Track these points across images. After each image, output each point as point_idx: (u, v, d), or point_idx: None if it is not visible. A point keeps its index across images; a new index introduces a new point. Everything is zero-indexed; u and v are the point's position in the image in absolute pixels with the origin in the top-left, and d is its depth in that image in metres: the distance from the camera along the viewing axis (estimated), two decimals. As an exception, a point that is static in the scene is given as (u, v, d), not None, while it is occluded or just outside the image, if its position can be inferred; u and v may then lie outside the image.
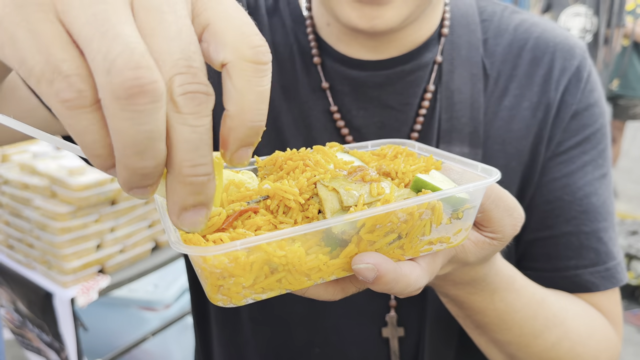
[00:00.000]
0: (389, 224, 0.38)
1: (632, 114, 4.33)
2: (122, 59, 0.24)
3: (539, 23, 0.72)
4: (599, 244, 0.67)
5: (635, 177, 5.18)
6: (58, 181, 1.68)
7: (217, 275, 0.36)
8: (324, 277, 0.39)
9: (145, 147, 0.26)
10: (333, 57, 0.68)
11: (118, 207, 1.84)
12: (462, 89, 0.66)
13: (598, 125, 0.69)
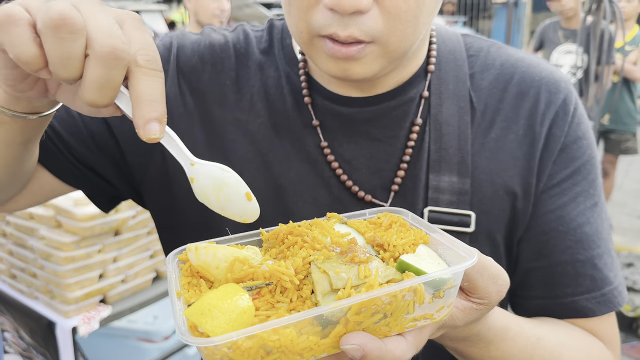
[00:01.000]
0: (373, 306, 0.43)
1: (624, 148, 4.42)
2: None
3: (524, 58, 0.76)
4: (594, 270, 0.71)
5: (630, 210, 5.24)
6: (63, 211, 1.72)
7: (218, 359, 0.40)
8: (316, 355, 0.43)
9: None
10: (323, 95, 0.72)
11: (121, 237, 1.87)
12: (450, 121, 0.70)
13: (587, 157, 0.72)
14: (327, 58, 0.61)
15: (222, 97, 0.73)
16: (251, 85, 0.74)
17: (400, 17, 0.57)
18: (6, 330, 1.94)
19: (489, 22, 10.95)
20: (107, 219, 1.77)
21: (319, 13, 0.58)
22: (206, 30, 0.79)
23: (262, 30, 0.79)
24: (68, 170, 0.75)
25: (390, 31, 0.58)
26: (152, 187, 0.77)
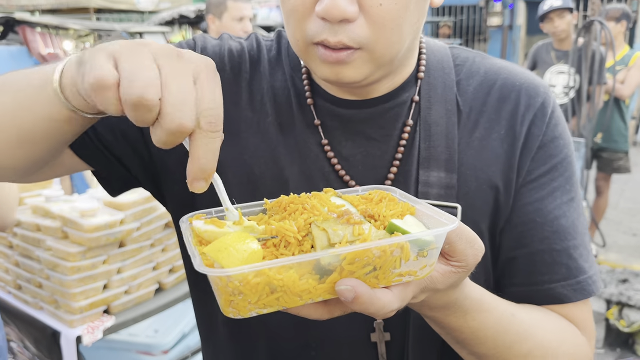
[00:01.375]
0: (365, 257, 0.48)
1: (616, 166, 4.49)
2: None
3: (507, 67, 0.83)
4: (569, 260, 0.76)
5: (625, 228, 5.29)
6: (70, 222, 1.76)
7: (229, 292, 0.46)
8: (313, 298, 0.49)
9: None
10: (324, 98, 0.79)
11: (125, 249, 1.91)
12: (438, 123, 0.77)
13: (563, 155, 0.78)
14: (320, 63, 0.67)
15: (237, 97, 0.80)
16: (261, 88, 0.81)
17: (385, 26, 0.64)
18: (12, 340, 1.97)
19: (485, 44, 11.14)
20: (112, 231, 1.81)
21: (312, 22, 0.65)
22: (224, 36, 0.86)
23: (271, 40, 0.87)
24: (92, 152, 0.79)
25: (376, 38, 0.64)
26: (172, 186, 0.83)
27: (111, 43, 0.53)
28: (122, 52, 0.51)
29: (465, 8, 11.12)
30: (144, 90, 0.47)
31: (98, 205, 1.87)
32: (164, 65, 0.50)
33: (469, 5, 10.94)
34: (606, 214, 5.39)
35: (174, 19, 8.17)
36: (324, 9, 0.61)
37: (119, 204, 1.90)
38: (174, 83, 0.49)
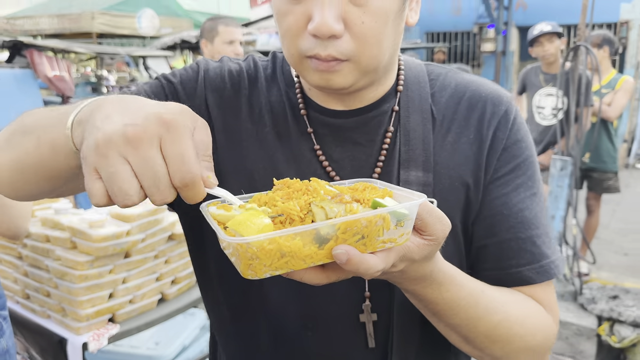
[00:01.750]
0: (355, 227, 0.59)
1: (606, 186, 4.60)
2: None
3: (475, 80, 0.94)
4: (533, 247, 0.86)
5: (617, 247, 5.38)
6: (79, 233, 1.85)
7: (248, 257, 0.56)
8: (315, 262, 0.59)
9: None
10: (315, 109, 0.89)
11: (130, 259, 2.00)
12: (416, 129, 0.88)
13: (525, 156, 0.89)
14: (313, 72, 0.78)
15: (237, 110, 0.91)
16: (259, 102, 0.91)
17: (367, 41, 0.75)
18: (17, 352, 2.04)
19: (479, 69, 11.37)
20: (119, 241, 1.90)
21: (305, 39, 0.76)
22: (224, 59, 0.97)
23: (267, 60, 0.98)
24: None
25: (360, 52, 0.75)
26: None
27: (97, 134, 0.57)
28: (98, 162, 0.56)
29: (459, 34, 11.39)
30: (126, 191, 0.55)
31: (106, 217, 1.96)
32: (131, 157, 0.55)
33: (463, 32, 11.20)
34: (598, 233, 5.49)
35: (176, 44, 8.37)
36: (315, 27, 0.72)
37: (125, 216, 1.99)
38: (147, 167, 0.55)
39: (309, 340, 0.89)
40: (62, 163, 0.68)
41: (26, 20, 11.68)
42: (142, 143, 0.55)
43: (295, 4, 0.75)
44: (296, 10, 0.76)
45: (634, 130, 9.84)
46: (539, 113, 4.38)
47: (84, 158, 0.57)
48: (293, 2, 0.75)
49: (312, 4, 0.74)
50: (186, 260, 2.29)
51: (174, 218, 2.19)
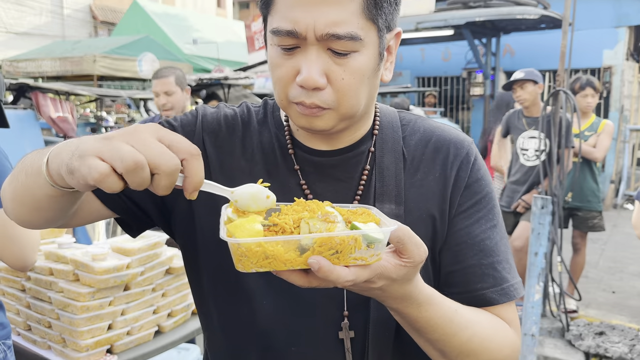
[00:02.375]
0: (330, 243, 0.70)
1: (591, 225, 4.73)
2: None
3: (440, 127, 1.07)
4: (495, 272, 0.98)
5: (605, 285, 5.47)
6: (82, 265, 1.95)
7: (239, 254, 0.70)
8: (294, 266, 0.70)
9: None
10: (302, 149, 1.02)
11: (130, 292, 2.09)
12: (389, 167, 1.00)
13: (485, 192, 1.02)
14: (299, 116, 0.91)
15: (232, 150, 1.03)
16: (252, 143, 1.04)
17: (346, 94, 0.88)
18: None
19: (468, 113, 11.67)
20: (119, 274, 2.00)
21: (293, 88, 0.88)
22: (221, 105, 1.10)
23: (259, 106, 1.11)
24: (117, 201, 1.00)
25: (340, 102, 0.89)
26: (180, 224, 1.04)
27: (81, 144, 0.69)
28: (100, 148, 0.67)
29: (449, 79, 11.74)
30: (133, 156, 0.66)
31: (107, 250, 2.07)
32: (131, 140, 0.69)
33: (453, 77, 11.57)
34: (587, 272, 5.59)
35: (175, 87, 8.58)
36: (302, 80, 0.86)
37: (125, 250, 2.10)
38: (146, 145, 0.68)
39: (293, 355, 0.99)
40: (42, 191, 0.81)
41: (29, 62, 11.97)
42: (140, 132, 0.69)
43: (287, 58, 0.88)
44: (287, 63, 0.88)
45: (621, 171, 10.06)
46: (523, 154, 4.55)
47: (82, 156, 0.67)
48: (285, 56, 0.88)
49: (301, 59, 0.87)
50: (182, 293, 2.38)
51: (172, 253, 2.30)
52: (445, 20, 8.50)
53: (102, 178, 0.66)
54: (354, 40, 0.85)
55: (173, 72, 3.75)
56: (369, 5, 0.86)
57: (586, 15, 9.04)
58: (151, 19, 16.07)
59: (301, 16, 0.84)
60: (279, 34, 0.87)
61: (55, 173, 0.76)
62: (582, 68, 9.38)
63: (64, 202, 0.85)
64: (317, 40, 0.85)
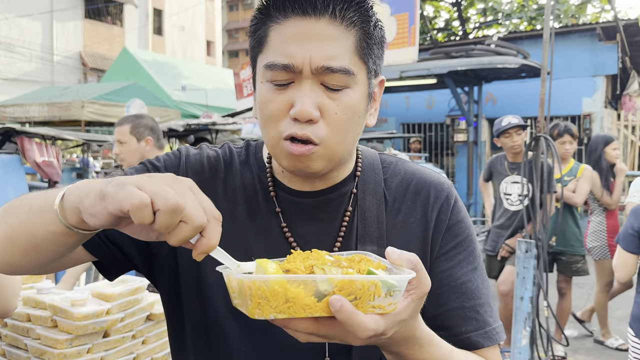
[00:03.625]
0: (350, 287, 0.67)
1: (574, 269, 4.75)
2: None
3: (420, 169, 1.09)
4: (477, 315, 0.98)
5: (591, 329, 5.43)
6: (61, 311, 1.91)
7: (259, 295, 0.67)
8: (312, 312, 0.67)
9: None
10: (284, 190, 1.02)
11: (109, 339, 2.04)
12: (371, 209, 1.01)
13: (465, 234, 1.03)
14: (288, 157, 0.91)
15: (214, 191, 1.02)
16: (234, 184, 1.04)
17: (337, 129, 0.90)
18: None
19: (452, 158, 11.85)
20: (99, 320, 1.96)
21: (286, 123, 0.89)
22: (203, 146, 1.11)
23: (241, 147, 1.11)
24: (98, 245, 0.97)
25: (330, 137, 0.90)
26: (162, 262, 1.03)
27: (119, 177, 0.72)
28: (142, 181, 0.68)
29: (433, 125, 11.97)
30: (177, 200, 0.67)
31: (87, 295, 2.03)
32: (172, 184, 0.70)
33: (437, 123, 11.79)
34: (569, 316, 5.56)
35: (163, 132, 8.64)
36: (296, 112, 0.87)
37: (106, 295, 2.07)
38: (186, 194, 0.70)
39: None
40: (45, 227, 0.78)
41: (17, 107, 12.01)
42: (179, 181, 0.72)
43: (280, 93, 0.90)
44: (280, 98, 0.89)
45: (605, 217, 10.16)
46: (506, 199, 4.61)
47: (121, 184, 0.68)
48: (278, 91, 0.90)
49: (294, 93, 0.88)
50: (163, 340, 2.33)
51: (153, 298, 2.26)
52: (428, 70, 8.74)
53: (141, 206, 0.66)
54: (347, 75, 0.88)
55: (131, 121, 3.40)
56: (361, 44, 0.90)
57: (565, 65, 9.37)
58: (141, 66, 16.33)
59: (297, 50, 0.87)
60: (274, 68, 0.88)
61: (72, 207, 0.75)
62: (562, 115, 9.63)
63: (64, 243, 0.82)
64: (312, 73, 0.87)
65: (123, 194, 0.67)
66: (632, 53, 11.08)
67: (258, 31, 0.93)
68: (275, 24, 0.90)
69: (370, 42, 0.92)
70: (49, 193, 0.82)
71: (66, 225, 0.76)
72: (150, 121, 3.45)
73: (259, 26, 0.93)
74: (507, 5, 16.61)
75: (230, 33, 51.75)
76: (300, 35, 0.87)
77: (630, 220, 2.74)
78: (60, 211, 0.76)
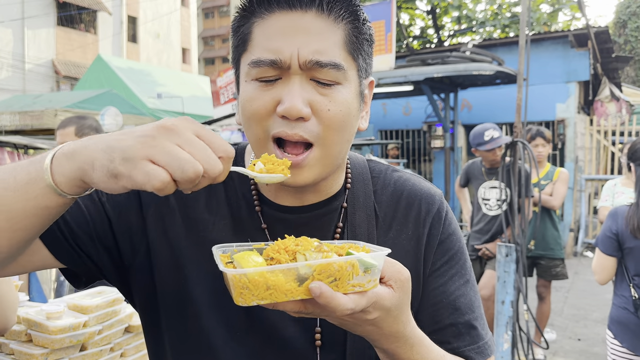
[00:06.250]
0: (329, 270, 0.70)
1: (554, 273, 4.81)
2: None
3: (410, 179, 1.05)
4: (472, 330, 0.97)
5: (570, 333, 5.50)
6: (36, 325, 1.84)
7: (240, 286, 0.68)
8: (294, 296, 0.69)
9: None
10: (270, 206, 0.96)
11: (86, 352, 1.98)
12: (361, 225, 0.97)
13: (457, 248, 1.01)
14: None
15: (195, 201, 0.97)
16: (217, 196, 0.97)
17: (332, 126, 0.85)
18: None
19: (430, 164, 11.94)
20: (75, 333, 1.90)
21: (272, 121, 0.84)
22: None
23: None
24: (66, 251, 0.90)
25: (325, 135, 0.85)
26: (138, 271, 0.96)
27: (123, 141, 0.66)
28: (149, 151, 0.65)
29: (410, 132, 12.06)
30: (194, 167, 0.65)
31: (63, 308, 1.97)
32: (179, 141, 0.66)
33: (414, 130, 11.88)
34: (552, 320, 5.64)
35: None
36: (285, 109, 0.82)
37: (82, 307, 2.00)
38: (197, 148, 0.67)
39: None
40: (30, 203, 0.71)
41: (-14, 117, 11.71)
42: (181, 130, 0.67)
43: (266, 90, 0.84)
44: (265, 96, 0.84)
45: (579, 220, 10.36)
46: (485, 204, 4.64)
47: (128, 159, 0.64)
48: (263, 88, 0.85)
49: (281, 89, 0.84)
50: (142, 353, 2.27)
51: (131, 310, 2.20)
52: (405, 77, 8.80)
53: (164, 186, 0.65)
54: (337, 69, 0.84)
55: (75, 122, 3.28)
56: (350, 39, 0.86)
57: (538, 71, 9.54)
58: (115, 74, 16.10)
59: (284, 45, 0.82)
60: (260, 65, 0.84)
61: (68, 180, 0.69)
62: (537, 121, 9.78)
63: (53, 215, 0.75)
64: (300, 69, 0.83)
65: (141, 176, 0.64)
66: (603, 60, 11.35)
67: (241, 28, 0.89)
68: (259, 20, 0.86)
69: (360, 38, 0.88)
70: (24, 166, 0.73)
71: (66, 195, 0.71)
72: (94, 122, 3.37)
73: (242, 23, 0.89)
74: (481, 13, 16.88)
75: (206, 40, 51.51)
76: (287, 29, 0.83)
77: (607, 223, 2.79)
78: (57, 185, 0.70)
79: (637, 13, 20.70)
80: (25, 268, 0.90)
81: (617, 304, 2.82)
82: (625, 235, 2.70)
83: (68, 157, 0.70)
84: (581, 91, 10.74)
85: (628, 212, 2.71)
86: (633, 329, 2.71)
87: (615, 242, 2.74)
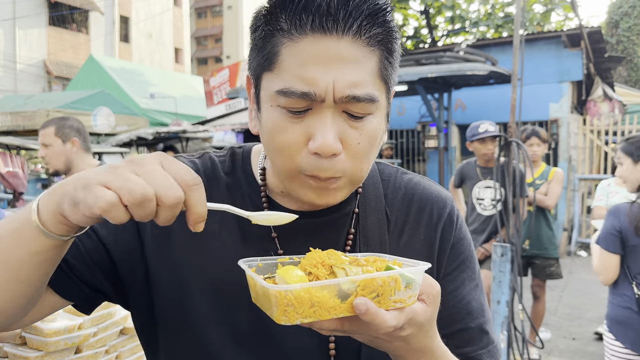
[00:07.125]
0: (372, 285, 0.68)
1: (549, 272, 4.82)
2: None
3: (421, 182, 1.03)
4: (483, 333, 0.97)
5: (565, 332, 5.52)
6: (30, 327, 1.83)
7: (285, 303, 0.66)
8: (337, 314, 0.68)
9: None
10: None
11: (81, 355, 1.96)
12: (373, 230, 0.95)
13: (468, 252, 1.00)
14: (308, 189, 0.84)
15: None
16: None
17: (360, 159, 0.83)
18: None
19: (424, 164, 11.97)
20: (70, 335, 1.88)
21: (304, 157, 0.80)
22: (180, 158, 1.00)
23: (224, 155, 1.01)
24: (73, 289, 0.89)
25: (354, 167, 0.83)
26: (136, 292, 0.94)
27: (90, 174, 0.67)
28: (107, 178, 0.65)
29: (404, 132, 12.08)
30: (142, 189, 0.64)
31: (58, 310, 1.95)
32: (137, 169, 0.66)
33: (408, 130, 11.91)
34: (547, 319, 5.65)
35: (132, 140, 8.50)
36: (318, 147, 0.78)
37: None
38: (153, 176, 0.66)
39: None
40: (25, 249, 0.72)
41: (-22, 117, 11.61)
42: (145, 161, 0.67)
43: (296, 121, 0.79)
44: (296, 128, 0.80)
45: (573, 219, 10.41)
46: (479, 204, 4.65)
47: (86, 186, 0.65)
48: (293, 119, 0.79)
49: (314, 123, 0.79)
50: (137, 355, 2.25)
51: (126, 312, 2.18)
52: (399, 77, 8.77)
53: (110, 208, 0.64)
54: (372, 102, 0.80)
55: (55, 123, 3.24)
56: (384, 64, 0.82)
57: (532, 71, 9.58)
58: (107, 74, 16.04)
59: (319, 77, 0.77)
60: (291, 96, 0.78)
61: (51, 216, 0.70)
62: (530, 120, 9.82)
63: (48, 262, 0.75)
64: (335, 102, 0.78)
65: (91, 199, 0.64)
66: (595, 59, 11.42)
67: (267, 47, 0.81)
68: (288, 41, 0.79)
69: (392, 60, 0.84)
70: (17, 216, 0.74)
71: (52, 236, 0.71)
72: (75, 122, 3.34)
73: (267, 40, 0.81)
74: (474, 13, 16.93)
75: (198, 40, 51.39)
76: (321, 58, 0.77)
77: (609, 221, 2.76)
78: (43, 224, 0.71)
79: (629, 13, 20.83)
80: (39, 316, 0.89)
81: (617, 304, 2.78)
82: (628, 233, 2.68)
83: (50, 194, 0.71)
84: (574, 91, 10.80)
85: (631, 210, 2.68)
86: (637, 328, 2.67)
87: (619, 239, 2.71)
